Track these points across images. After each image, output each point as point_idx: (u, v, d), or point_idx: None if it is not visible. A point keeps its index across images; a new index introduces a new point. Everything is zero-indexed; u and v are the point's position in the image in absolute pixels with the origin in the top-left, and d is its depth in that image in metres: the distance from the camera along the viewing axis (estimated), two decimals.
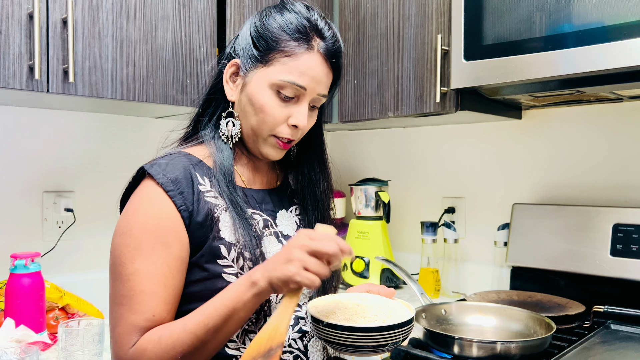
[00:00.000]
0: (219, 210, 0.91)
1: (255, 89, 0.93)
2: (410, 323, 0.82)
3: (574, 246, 1.53)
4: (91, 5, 1.30)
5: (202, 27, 1.51)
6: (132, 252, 0.84)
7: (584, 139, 1.63)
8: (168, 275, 0.85)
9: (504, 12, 1.31)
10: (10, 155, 1.52)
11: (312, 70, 0.91)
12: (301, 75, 0.91)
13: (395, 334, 0.80)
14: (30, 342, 1.20)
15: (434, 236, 1.83)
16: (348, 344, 0.80)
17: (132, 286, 0.84)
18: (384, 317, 0.84)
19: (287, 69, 0.91)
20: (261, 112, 0.92)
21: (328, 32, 0.94)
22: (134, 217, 0.86)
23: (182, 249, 0.87)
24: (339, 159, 2.30)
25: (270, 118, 0.92)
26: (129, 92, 1.37)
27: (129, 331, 0.83)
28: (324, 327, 0.81)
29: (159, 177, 0.87)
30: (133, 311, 0.83)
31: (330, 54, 0.94)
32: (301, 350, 0.95)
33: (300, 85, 0.91)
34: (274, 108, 0.92)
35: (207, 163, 0.94)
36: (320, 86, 0.94)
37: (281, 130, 0.93)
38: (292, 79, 0.91)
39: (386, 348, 0.81)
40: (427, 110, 1.56)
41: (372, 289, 0.96)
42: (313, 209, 1.04)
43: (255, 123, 0.93)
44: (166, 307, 0.85)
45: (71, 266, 1.62)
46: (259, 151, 0.96)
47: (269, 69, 0.92)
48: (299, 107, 0.93)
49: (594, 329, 1.33)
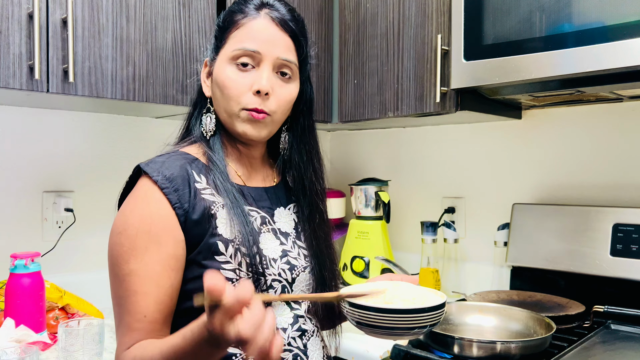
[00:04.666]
0: (216, 207, 0.91)
1: (218, 70, 0.96)
2: (444, 305, 0.84)
3: (574, 246, 1.53)
4: (91, 5, 1.30)
5: (202, 27, 1.51)
6: (127, 253, 0.85)
7: (584, 139, 1.63)
8: (161, 275, 0.86)
9: (504, 12, 1.31)
10: (10, 155, 1.52)
11: (261, 33, 0.93)
12: (252, 40, 0.93)
13: (434, 316, 0.82)
14: (30, 342, 1.20)
15: (434, 236, 1.83)
16: (389, 327, 0.81)
17: (127, 287, 0.85)
18: (422, 300, 0.85)
19: (239, 39, 0.94)
20: (225, 89, 0.94)
21: (274, 1, 0.97)
22: (129, 217, 0.88)
23: (177, 246, 0.87)
24: (339, 159, 2.30)
25: (233, 90, 0.93)
26: (129, 92, 1.37)
27: (124, 332, 0.85)
28: (366, 312, 0.81)
29: (154, 175, 0.88)
30: (127, 312, 0.85)
31: (279, 17, 0.95)
32: (301, 349, 0.95)
33: (253, 50, 0.93)
34: (234, 80, 0.93)
35: (202, 161, 0.95)
36: (276, 49, 0.94)
37: (247, 100, 0.93)
38: (243, 46, 0.93)
39: (425, 330, 0.83)
40: (427, 110, 1.56)
41: (394, 277, 0.96)
42: (304, 199, 1.03)
43: (225, 102, 0.95)
44: (158, 307, 0.86)
45: (71, 266, 1.62)
46: (237, 132, 0.96)
47: (225, 48, 0.96)
48: (259, 72, 0.94)
49: (594, 329, 1.33)
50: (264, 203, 0.99)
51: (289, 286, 0.96)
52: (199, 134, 1.00)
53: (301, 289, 0.98)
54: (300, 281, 0.97)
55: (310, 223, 1.03)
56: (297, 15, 0.99)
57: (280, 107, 0.96)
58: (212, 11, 1.53)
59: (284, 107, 0.97)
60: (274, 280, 0.93)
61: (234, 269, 0.89)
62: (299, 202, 1.04)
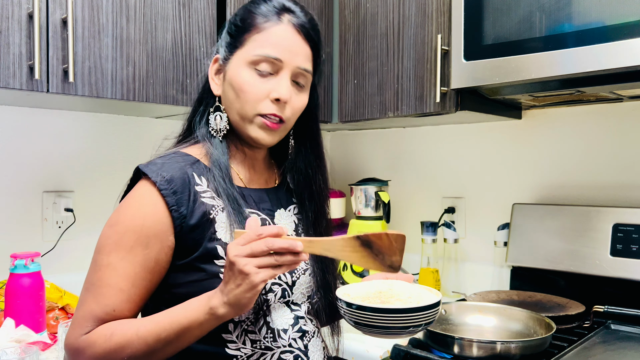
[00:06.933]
0: (216, 210, 0.90)
1: (233, 72, 0.94)
2: (439, 304, 0.86)
3: (574, 246, 1.53)
4: (91, 5, 1.30)
5: (202, 27, 1.51)
6: (110, 246, 0.86)
7: (584, 139, 1.63)
8: (139, 275, 0.86)
9: (504, 12, 1.31)
10: (10, 155, 1.52)
11: (284, 41, 0.92)
12: (274, 47, 0.92)
13: (429, 314, 0.84)
14: (30, 342, 1.20)
15: (434, 236, 1.83)
16: (385, 326, 0.83)
17: (101, 277, 0.86)
18: (417, 299, 0.87)
19: (260, 44, 0.92)
20: (242, 92, 0.93)
21: (295, 7, 0.96)
22: (122, 213, 0.88)
23: (162, 251, 0.87)
24: (339, 159, 2.30)
25: (251, 95, 0.92)
26: (129, 92, 1.37)
27: (86, 318, 0.85)
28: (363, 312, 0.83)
29: (153, 176, 0.88)
30: (96, 301, 0.85)
31: (301, 24, 0.94)
32: (301, 350, 0.95)
33: (275, 57, 0.92)
34: (253, 85, 0.92)
35: (203, 162, 0.94)
36: (297, 58, 0.94)
37: (264, 106, 0.92)
38: (265, 52, 0.92)
39: (421, 328, 0.85)
40: (427, 110, 1.56)
41: (390, 276, 0.97)
42: (310, 204, 1.04)
43: (239, 105, 0.94)
44: (129, 306, 0.86)
45: (71, 266, 1.62)
46: (249, 136, 0.95)
47: (243, 50, 0.94)
48: (279, 80, 0.93)
49: (594, 329, 1.33)
50: (264, 205, 0.99)
51: (289, 289, 0.96)
52: (204, 133, 0.97)
53: (301, 292, 0.98)
54: (300, 284, 0.97)
55: (317, 228, 1.04)
56: (316, 23, 0.98)
57: (294, 115, 0.97)
58: (212, 11, 1.53)
59: (296, 115, 0.98)
60: (274, 283, 0.93)
61: None
62: (304, 206, 1.04)
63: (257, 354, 0.90)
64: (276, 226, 0.78)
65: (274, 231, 0.78)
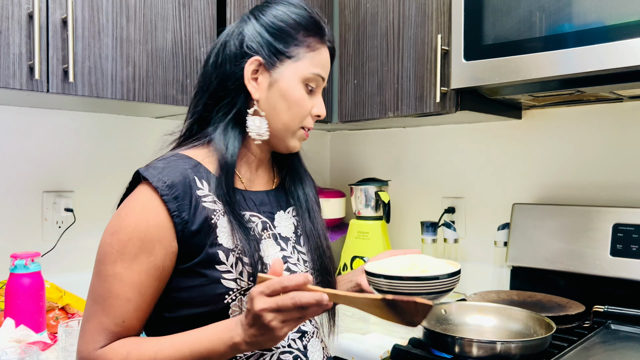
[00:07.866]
0: (217, 215, 0.90)
1: (289, 84, 0.96)
2: (459, 272, 0.95)
3: (574, 246, 1.53)
4: (91, 5, 1.30)
5: (202, 27, 1.51)
6: (115, 255, 0.85)
7: (584, 139, 1.63)
8: (145, 284, 0.86)
9: (504, 12, 1.31)
10: (10, 155, 1.52)
11: (327, 63, 1.01)
12: (323, 68, 0.99)
13: (452, 281, 0.93)
14: (30, 342, 1.20)
15: (434, 236, 1.83)
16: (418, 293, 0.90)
17: (109, 288, 0.85)
18: (443, 268, 0.95)
19: (314, 63, 0.97)
20: (296, 106, 0.96)
21: (327, 27, 1.02)
22: (124, 220, 0.86)
23: (166, 257, 0.87)
24: (339, 159, 2.30)
25: (303, 111, 0.98)
26: (129, 92, 1.37)
27: (98, 330, 0.85)
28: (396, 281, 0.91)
29: (154, 181, 0.86)
30: (105, 313, 0.85)
31: (332, 50, 1.03)
32: (301, 350, 0.95)
33: (324, 78, 1.00)
34: (305, 100, 0.97)
35: (204, 164, 0.93)
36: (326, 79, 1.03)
37: (308, 121, 1.00)
38: (318, 72, 0.98)
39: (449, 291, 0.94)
40: (427, 110, 1.56)
41: (398, 252, 1.05)
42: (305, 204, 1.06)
43: (289, 117, 0.97)
44: (137, 315, 0.86)
45: (71, 266, 1.62)
46: (286, 145, 1.00)
47: (297, 64, 0.96)
48: (319, 97, 1.01)
49: (594, 329, 1.33)
50: (265, 207, 0.99)
51: None
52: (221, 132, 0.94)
53: None
54: None
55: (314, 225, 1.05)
56: None
57: None
58: (212, 11, 1.53)
59: None
60: None
61: (235, 278, 0.88)
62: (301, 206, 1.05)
63: (256, 354, 0.90)
64: (302, 275, 0.77)
65: (300, 282, 0.76)
